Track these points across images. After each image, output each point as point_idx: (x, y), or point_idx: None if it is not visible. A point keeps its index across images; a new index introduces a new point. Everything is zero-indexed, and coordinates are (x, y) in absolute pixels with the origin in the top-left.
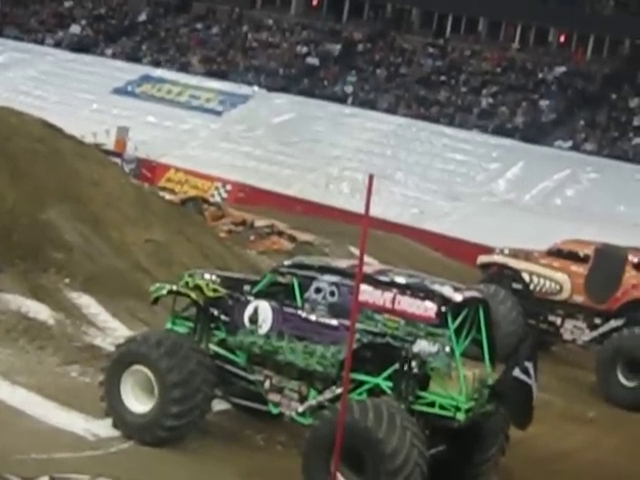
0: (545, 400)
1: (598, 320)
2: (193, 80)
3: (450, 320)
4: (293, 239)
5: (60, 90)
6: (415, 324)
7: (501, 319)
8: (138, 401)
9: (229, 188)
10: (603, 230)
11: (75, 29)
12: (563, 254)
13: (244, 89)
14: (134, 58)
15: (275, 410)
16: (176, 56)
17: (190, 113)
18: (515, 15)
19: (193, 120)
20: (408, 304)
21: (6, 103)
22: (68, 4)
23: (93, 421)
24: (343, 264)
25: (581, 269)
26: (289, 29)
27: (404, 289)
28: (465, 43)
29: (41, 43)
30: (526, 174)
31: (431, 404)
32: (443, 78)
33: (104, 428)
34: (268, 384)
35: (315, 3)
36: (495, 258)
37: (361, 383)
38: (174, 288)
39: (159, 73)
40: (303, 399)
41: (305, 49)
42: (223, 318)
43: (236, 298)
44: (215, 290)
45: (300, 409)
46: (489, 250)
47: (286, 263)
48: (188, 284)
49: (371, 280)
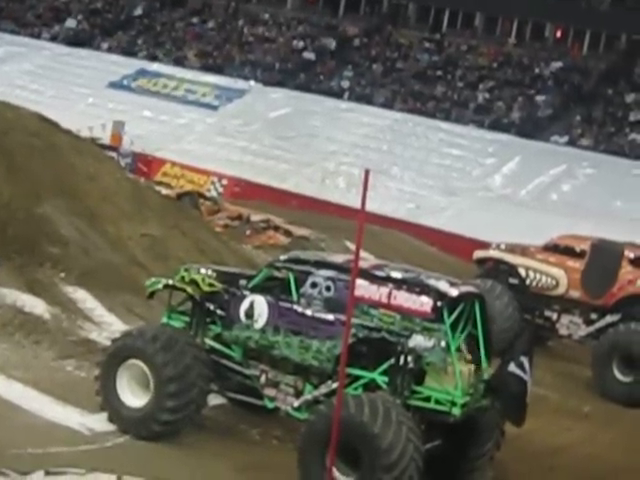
0: (541, 395)
1: (594, 315)
2: (189, 74)
3: (446, 315)
4: (289, 234)
5: (56, 84)
6: (411, 319)
7: (497, 314)
8: (134, 395)
9: (225, 183)
10: (599, 225)
11: (71, 23)
12: (559, 249)
13: (240, 83)
14: (130, 52)
15: (271, 405)
16: (172, 50)
17: (186, 107)
18: (511, 10)
19: (189, 114)
20: (404, 299)
21: (2, 97)
22: None
23: (89, 415)
24: (339, 259)
25: (577, 264)
26: (285, 23)
27: (400, 284)
28: (461, 38)
29: (37, 37)
30: (522, 169)
31: (427, 399)
32: (439, 73)
33: (100, 422)
34: (264, 379)
35: None
36: (491, 253)
37: (357, 378)
38: (170, 282)
39: (155, 67)
40: (299, 394)
41: (301, 44)
42: (219, 313)
43: (232, 293)
44: (211, 285)
45: (296, 404)
46: (485, 245)
47: (282, 258)
48: (184, 278)
49: (367, 275)
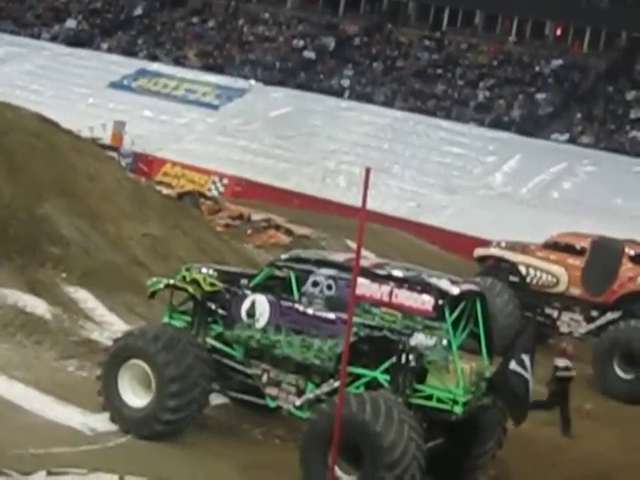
0: (542, 393)
1: (595, 313)
2: (189, 74)
3: (447, 313)
4: (290, 233)
5: (56, 84)
6: (412, 317)
7: (498, 312)
8: (135, 395)
9: (226, 182)
10: (600, 223)
11: (71, 23)
12: (560, 247)
13: (240, 83)
14: (130, 52)
15: (272, 404)
16: (172, 50)
17: (187, 107)
18: (511, 8)
19: (190, 114)
20: (405, 297)
21: (2, 98)
22: None
23: (90, 415)
24: (340, 257)
25: (578, 262)
26: (285, 23)
27: (401, 282)
28: (462, 36)
29: (37, 37)
30: (523, 167)
31: (428, 397)
32: (440, 71)
33: (101, 422)
34: (265, 378)
35: None
36: (492, 251)
37: (358, 376)
38: (171, 282)
39: (155, 67)
40: (300, 393)
41: (301, 43)
42: (220, 312)
43: (233, 292)
44: (212, 284)
45: (297, 403)
46: (486, 243)
47: (283, 257)
48: (185, 278)
49: (368, 273)
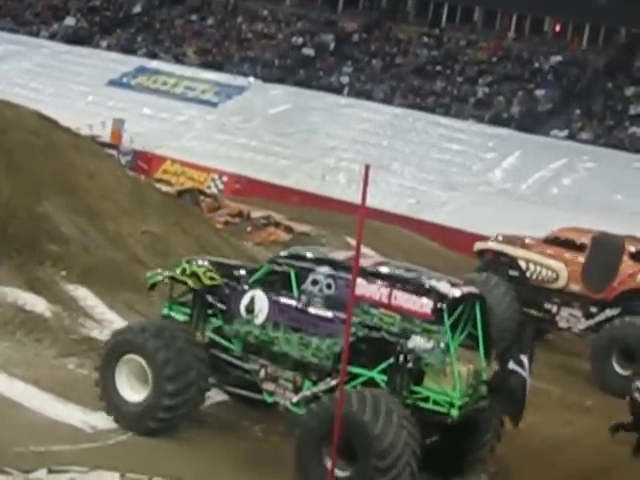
0: (542, 389)
1: (594, 309)
2: (188, 71)
3: (446, 317)
4: (290, 230)
5: (55, 82)
6: (410, 320)
7: (495, 305)
8: (132, 390)
9: (225, 179)
10: (600, 219)
11: (70, 21)
12: (560, 242)
13: (240, 80)
14: (129, 50)
15: (270, 399)
16: (171, 47)
17: (186, 105)
18: (510, 4)
19: (189, 112)
20: (404, 300)
21: (1, 96)
22: None
23: (91, 413)
24: (340, 256)
25: (578, 257)
26: (284, 20)
27: (400, 284)
28: (461, 33)
29: (36, 35)
30: (522, 163)
31: (425, 399)
32: (439, 68)
33: (102, 420)
34: (263, 373)
35: None
36: (490, 245)
37: (356, 376)
38: (171, 274)
39: (154, 65)
40: (298, 389)
41: (300, 40)
42: (219, 306)
43: (233, 287)
44: (212, 278)
45: (294, 399)
46: (486, 238)
47: (283, 254)
48: (185, 271)
49: (368, 274)
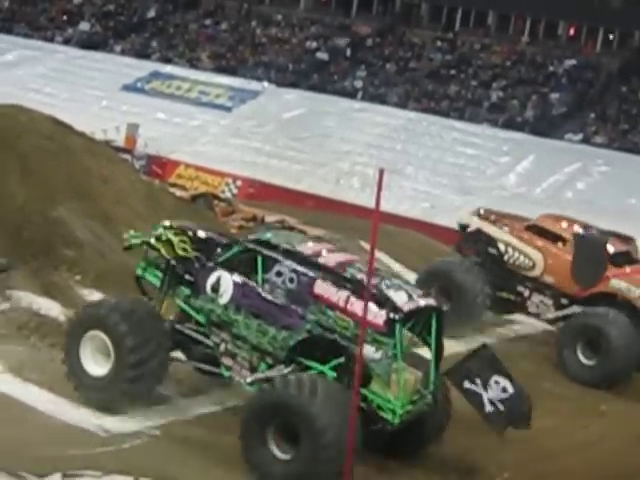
0: (555, 393)
1: (565, 301)
2: (202, 76)
3: (397, 329)
4: (304, 234)
5: (70, 87)
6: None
7: (466, 288)
8: (97, 364)
9: (239, 184)
10: (614, 223)
11: (84, 26)
12: (540, 231)
13: (254, 85)
14: (143, 55)
15: (226, 373)
16: (185, 52)
17: (200, 109)
18: (524, 8)
19: (203, 116)
20: (360, 307)
21: (16, 101)
22: (77, 1)
23: (104, 417)
24: (309, 249)
25: (555, 249)
26: (298, 24)
27: (358, 290)
28: (474, 37)
29: (50, 40)
30: (537, 167)
31: (370, 402)
32: (453, 72)
33: (116, 423)
34: (223, 347)
35: None
36: (473, 220)
37: (308, 367)
38: (146, 240)
39: (168, 69)
40: (253, 369)
41: (314, 44)
42: (188, 278)
43: (202, 263)
44: (185, 249)
45: (249, 379)
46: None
47: (253, 237)
48: (161, 237)
49: (331, 274)
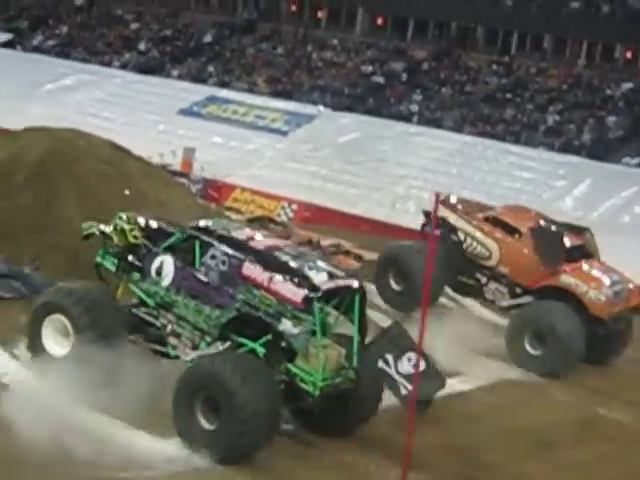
0: (613, 419)
1: (519, 290)
2: (259, 100)
3: (316, 307)
4: (359, 258)
5: (127, 111)
6: (284, 304)
7: (419, 271)
8: (58, 345)
9: (295, 207)
10: None
11: (142, 47)
12: (498, 223)
13: (309, 109)
14: (200, 79)
15: (172, 352)
16: (242, 76)
17: (256, 133)
18: (581, 32)
19: (259, 140)
20: (281, 286)
21: (74, 125)
22: (134, 26)
23: (163, 440)
24: (243, 235)
25: (510, 241)
26: (354, 48)
27: (281, 270)
28: (531, 60)
29: (108, 65)
30: (594, 191)
31: (294, 376)
32: (509, 96)
33: (173, 446)
34: (170, 328)
35: (380, 22)
36: (440, 209)
37: (241, 345)
38: (102, 229)
39: (225, 94)
40: (195, 348)
41: (370, 68)
42: (137, 264)
43: (149, 249)
44: (135, 237)
45: (190, 357)
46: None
47: (193, 224)
48: (116, 227)
49: (258, 255)
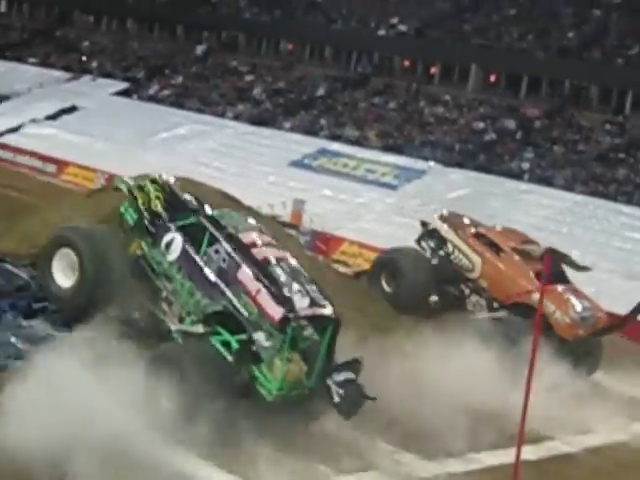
0: None
1: (496, 305)
2: (369, 154)
3: (289, 328)
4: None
5: (238, 162)
6: (263, 317)
7: (409, 273)
8: (66, 277)
9: None
10: None
11: (255, 102)
12: (484, 240)
13: (420, 164)
14: (311, 132)
15: (161, 317)
16: (353, 130)
17: (366, 187)
18: None
19: (368, 194)
20: (265, 300)
21: (186, 174)
22: (248, 78)
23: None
24: (249, 238)
25: (492, 258)
26: (466, 105)
27: (270, 285)
28: None
29: (221, 116)
30: None
31: (255, 378)
32: (622, 155)
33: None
34: (164, 294)
35: (493, 79)
36: (434, 220)
37: (219, 333)
38: (129, 188)
39: (336, 147)
40: (181, 320)
41: (482, 125)
42: (152, 230)
43: (164, 221)
44: (157, 205)
45: (174, 328)
46: None
47: (209, 212)
48: (143, 188)
49: (256, 265)
